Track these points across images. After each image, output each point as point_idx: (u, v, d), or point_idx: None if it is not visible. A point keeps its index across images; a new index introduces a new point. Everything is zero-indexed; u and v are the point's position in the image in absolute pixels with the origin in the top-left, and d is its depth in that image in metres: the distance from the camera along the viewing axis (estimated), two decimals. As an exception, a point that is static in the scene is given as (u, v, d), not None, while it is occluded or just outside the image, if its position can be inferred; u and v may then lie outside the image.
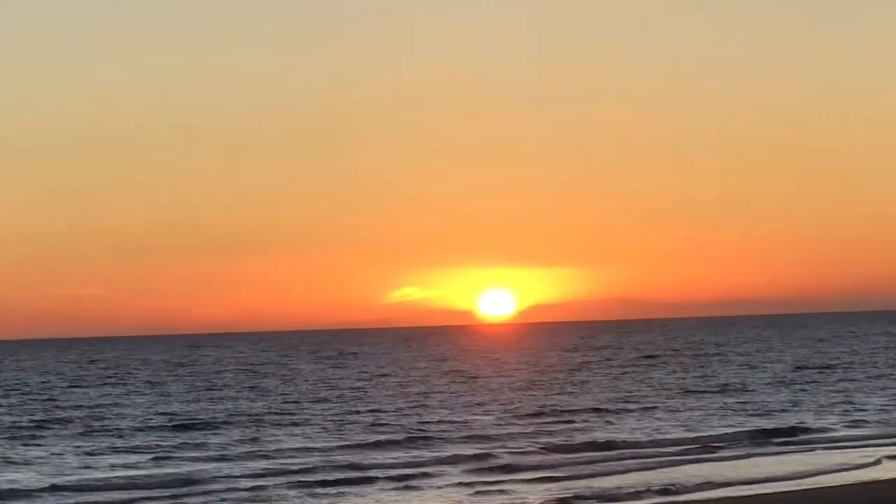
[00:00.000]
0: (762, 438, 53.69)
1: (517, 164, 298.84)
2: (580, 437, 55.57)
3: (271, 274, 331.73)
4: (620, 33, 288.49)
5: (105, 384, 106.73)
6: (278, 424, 63.00)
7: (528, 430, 57.90)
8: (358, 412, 69.42)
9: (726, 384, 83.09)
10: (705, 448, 50.67)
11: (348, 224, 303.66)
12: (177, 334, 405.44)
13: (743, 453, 49.43)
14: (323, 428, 60.94)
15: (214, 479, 44.94)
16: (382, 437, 56.21)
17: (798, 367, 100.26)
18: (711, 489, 39.22)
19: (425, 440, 55.07)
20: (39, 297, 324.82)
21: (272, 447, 53.69)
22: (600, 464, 47.07)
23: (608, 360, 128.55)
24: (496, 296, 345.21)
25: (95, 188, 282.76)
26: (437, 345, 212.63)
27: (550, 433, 57.07)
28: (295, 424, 62.97)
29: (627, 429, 57.83)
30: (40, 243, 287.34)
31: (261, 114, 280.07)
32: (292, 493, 41.90)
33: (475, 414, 66.36)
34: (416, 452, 51.54)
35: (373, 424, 62.00)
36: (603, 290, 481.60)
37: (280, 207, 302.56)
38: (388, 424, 61.82)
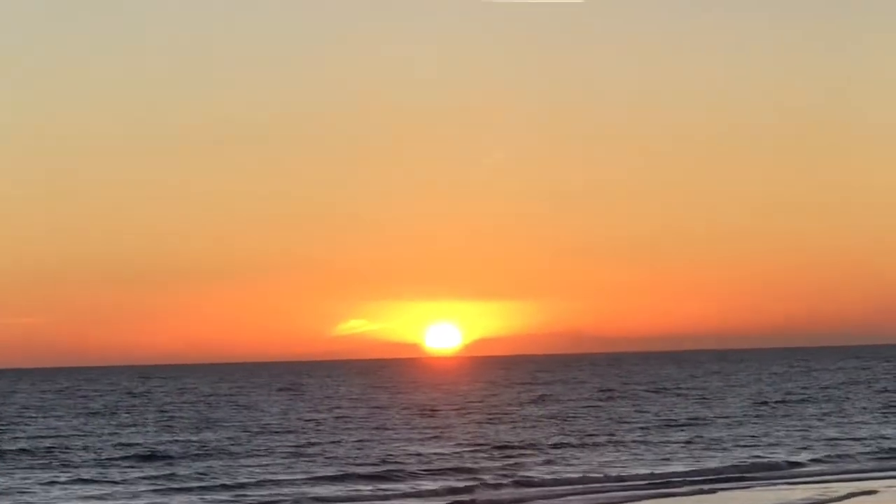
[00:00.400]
0: (726, 474, 53.18)
1: (464, 200, 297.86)
2: (549, 471, 55.33)
3: (218, 305, 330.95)
4: (576, 66, 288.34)
5: (60, 415, 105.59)
6: (240, 455, 62.95)
7: (496, 464, 57.22)
8: (320, 444, 69.10)
9: (688, 419, 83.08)
10: (667, 483, 50.54)
11: (296, 257, 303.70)
12: (123, 365, 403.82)
13: (707, 488, 48.93)
14: (285, 460, 60.54)
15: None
16: (348, 470, 55.72)
17: (757, 403, 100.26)
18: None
19: (394, 473, 54.51)
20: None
21: (238, 480, 53.18)
22: (573, 496, 47.00)
23: (567, 394, 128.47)
24: (442, 329, 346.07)
25: (35, 216, 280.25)
26: (389, 377, 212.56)
27: (519, 466, 56.57)
28: (256, 456, 62.51)
29: (593, 463, 57.37)
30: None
31: (210, 144, 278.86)
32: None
33: (438, 447, 65.87)
34: (385, 485, 51.18)
35: (335, 457, 61.54)
36: (548, 323, 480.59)
37: (227, 239, 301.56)
38: (349, 457, 61.35)
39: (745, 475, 52.78)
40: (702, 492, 47.69)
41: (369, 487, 50.85)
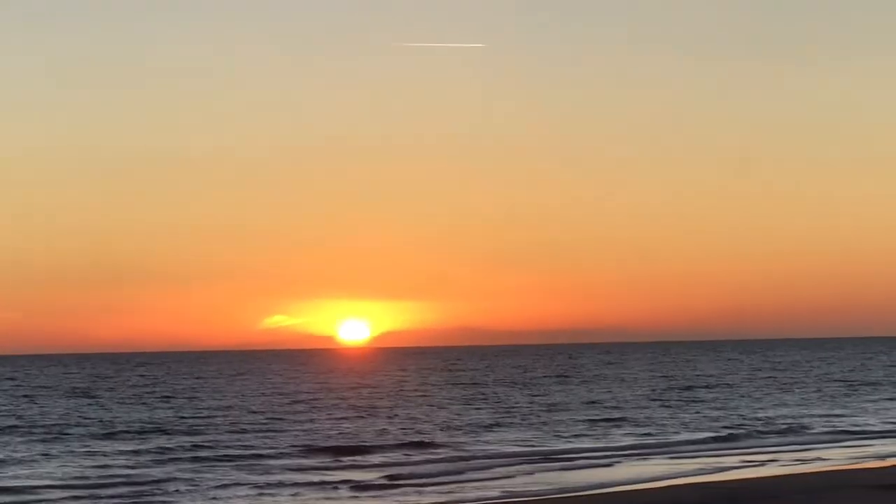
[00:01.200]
0: (628, 451, 51.64)
1: (375, 214, 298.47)
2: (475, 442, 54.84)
3: (161, 301, 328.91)
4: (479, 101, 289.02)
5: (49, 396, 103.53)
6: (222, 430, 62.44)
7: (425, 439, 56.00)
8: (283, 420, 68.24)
9: (593, 401, 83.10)
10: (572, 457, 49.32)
11: (230, 264, 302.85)
12: (75, 353, 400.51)
13: (605, 462, 47.64)
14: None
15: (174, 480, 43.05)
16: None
17: (654, 390, 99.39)
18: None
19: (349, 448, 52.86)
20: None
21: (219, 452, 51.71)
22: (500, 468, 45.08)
23: (482, 378, 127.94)
24: (353, 324, 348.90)
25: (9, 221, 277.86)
26: (317, 364, 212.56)
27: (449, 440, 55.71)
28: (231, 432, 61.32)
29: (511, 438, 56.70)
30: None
31: (157, 157, 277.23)
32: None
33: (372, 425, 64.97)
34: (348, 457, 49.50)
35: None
36: (444, 320, 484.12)
37: (170, 242, 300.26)
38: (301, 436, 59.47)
39: (644, 451, 51.34)
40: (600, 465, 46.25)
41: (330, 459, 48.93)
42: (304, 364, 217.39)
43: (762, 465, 43.82)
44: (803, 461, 45.20)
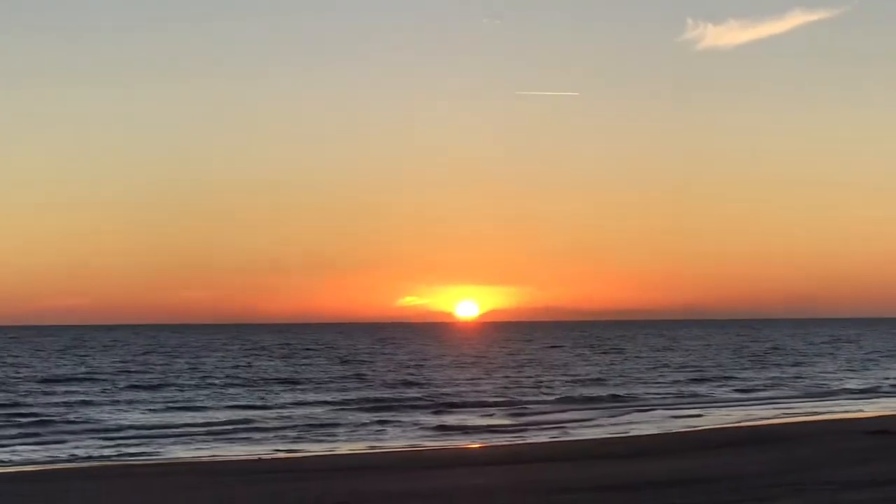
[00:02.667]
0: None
1: (483, 218, 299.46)
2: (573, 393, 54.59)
3: (326, 285, 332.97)
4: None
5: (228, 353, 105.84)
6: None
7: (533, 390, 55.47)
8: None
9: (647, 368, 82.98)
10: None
11: (374, 255, 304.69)
12: (253, 323, 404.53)
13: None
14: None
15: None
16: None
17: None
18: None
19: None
20: (169, 297, 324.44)
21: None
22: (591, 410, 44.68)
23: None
24: (466, 303, 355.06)
25: (208, 222, 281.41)
26: (446, 333, 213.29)
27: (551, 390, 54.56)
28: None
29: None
30: (172, 258, 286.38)
31: (314, 176, 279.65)
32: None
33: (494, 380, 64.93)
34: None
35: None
36: (536, 300, 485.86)
37: (327, 240, 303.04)
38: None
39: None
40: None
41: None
42: (439, 335, 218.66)
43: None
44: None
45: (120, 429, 39.37)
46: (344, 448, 33.61)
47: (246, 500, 20.54)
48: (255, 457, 30.16)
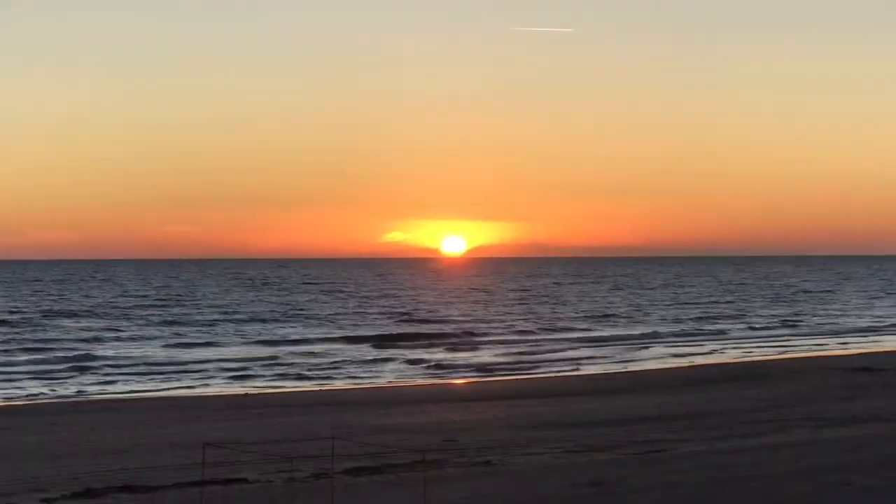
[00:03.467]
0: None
1: (471, 155, 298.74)
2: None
3: (308, 220, 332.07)
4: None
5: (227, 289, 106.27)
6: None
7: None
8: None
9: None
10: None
11: (359, 191, 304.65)
12: (238, 259, 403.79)
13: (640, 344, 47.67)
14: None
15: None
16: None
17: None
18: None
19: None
20: (154, 231, 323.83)
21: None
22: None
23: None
24: (452, 239, 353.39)
25: (198, 161, 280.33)
26: (433, 270, 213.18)
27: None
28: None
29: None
30: (156, 194, 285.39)
31: (309, 115, 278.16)
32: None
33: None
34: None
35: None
36: (523, 237, 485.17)
37: (315, 177, 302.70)
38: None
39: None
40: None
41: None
42: (427, 269, 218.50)
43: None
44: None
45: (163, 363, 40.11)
46: (339, 383, 33.74)
47: (239, 430, 20.73)
48: (243, 392, 30.35)
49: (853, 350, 43.24)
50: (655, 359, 40.97)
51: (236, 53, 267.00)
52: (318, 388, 31.70)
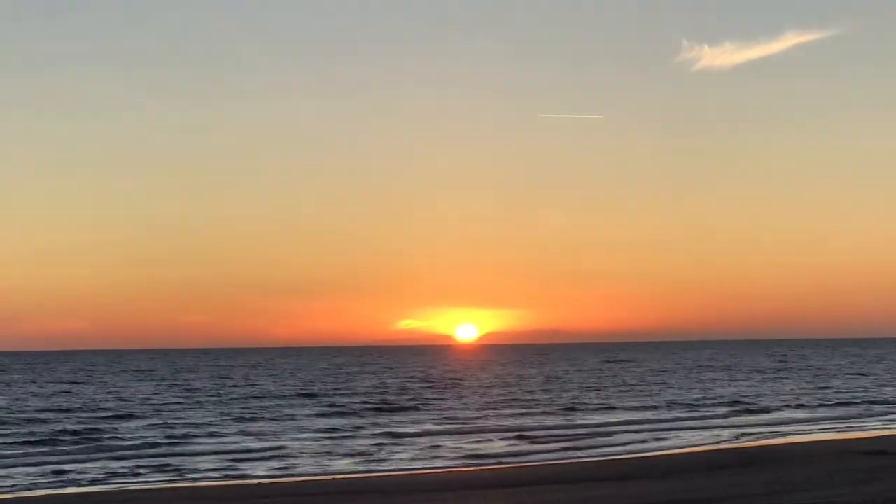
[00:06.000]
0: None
1: (481, 243, 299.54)
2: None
3: (325, 309, 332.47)
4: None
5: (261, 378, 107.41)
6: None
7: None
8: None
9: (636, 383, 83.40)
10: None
11: (373, 280, 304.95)
12: (256, 347, 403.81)
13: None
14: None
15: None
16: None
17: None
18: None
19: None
20: (168, 321, 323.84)
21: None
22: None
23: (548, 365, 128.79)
24: (465, 326, 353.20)
25: (211, 250, 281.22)
26: (444, 356, 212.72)
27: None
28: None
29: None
30: (170, 283, 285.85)
31: (314, 203, 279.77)
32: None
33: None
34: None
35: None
36: (533, 323, 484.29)
37: (329, 266, 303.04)
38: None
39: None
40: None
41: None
42: (438, 355, 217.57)
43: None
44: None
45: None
46: (346, 470, 33.13)
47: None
48: (256, 482, 29.71)
49: (866, 433, 42.66)
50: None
51: (246, 141, 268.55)
52: (330, 478, 31.04)
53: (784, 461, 29.95)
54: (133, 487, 28.98)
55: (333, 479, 30.24)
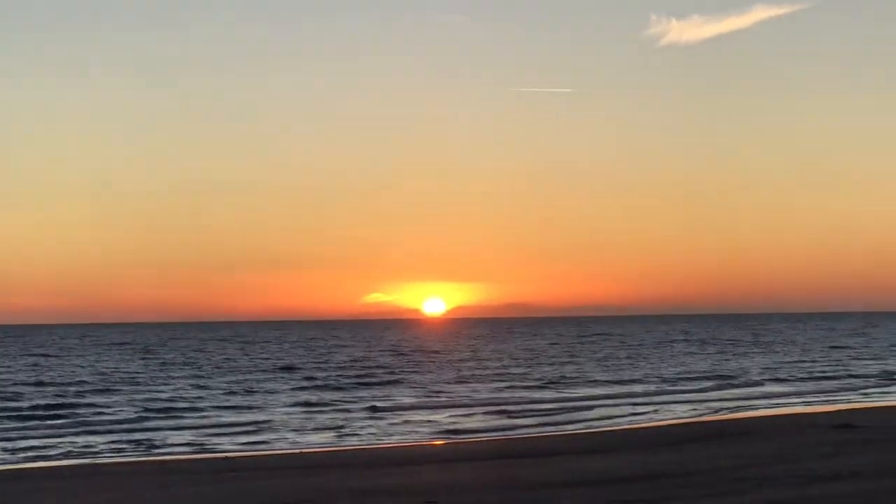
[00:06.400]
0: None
1: (451, 218, 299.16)
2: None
3: (291, 283, 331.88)
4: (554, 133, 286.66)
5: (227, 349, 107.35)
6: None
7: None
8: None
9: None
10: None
11: (340, 253, 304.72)
12: (223, 321, 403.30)
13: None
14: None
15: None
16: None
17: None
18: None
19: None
20: (132, 296, 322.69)
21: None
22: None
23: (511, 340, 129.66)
24: (433, 300, 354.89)
25: (177, 223, 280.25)
26: (414, 330, 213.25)
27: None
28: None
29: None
30: (131, 256, 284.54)
31: (288, 180, 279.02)
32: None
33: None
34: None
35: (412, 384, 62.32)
36: (501, 297, 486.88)
37: (298, 241, 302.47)
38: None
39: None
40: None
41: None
42: (408, 329, 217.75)
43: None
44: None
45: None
46: (315, 445, 33.46)
47: (216, 498, 20.46)
48: (223, 455, 30.00)
49: (834, 407, 43.28)
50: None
51: (210, 113, 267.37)
52: (298, 452, 31.36)
53: (754, 434, 30.41)
54: (100, 461, 29.22)
55: (301, 452, 30.58)
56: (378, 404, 47.03)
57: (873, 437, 28.32)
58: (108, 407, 46.72)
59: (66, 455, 31.03)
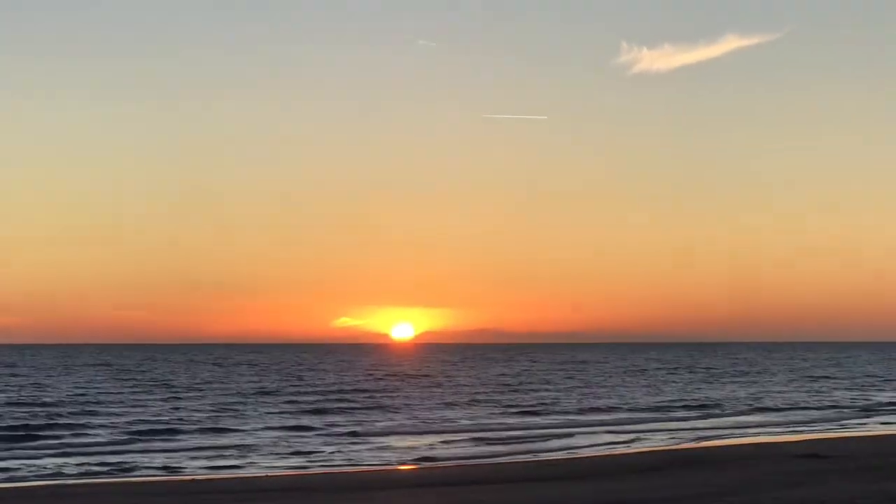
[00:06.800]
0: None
1: (417, 248, 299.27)
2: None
3: (261, 306, 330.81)
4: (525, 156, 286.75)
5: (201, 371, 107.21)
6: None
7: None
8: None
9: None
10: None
11: (309, 279, 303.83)
12: (195, 343, 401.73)
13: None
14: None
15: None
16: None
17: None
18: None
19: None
20: (100, 316, 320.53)
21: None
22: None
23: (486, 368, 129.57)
24: (401, 325, 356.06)
25: (148, 244, 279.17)
26: (383, 354, 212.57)
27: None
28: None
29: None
30: (104, 276, 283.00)
31: (255, 198, 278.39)
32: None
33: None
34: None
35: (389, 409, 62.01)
36: (470, 322, 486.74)
37: (267, 264, 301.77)
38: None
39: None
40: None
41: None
42: (379, 354, 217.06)
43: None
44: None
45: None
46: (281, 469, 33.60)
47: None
48: (190, 478, 30.18)
49: (803, 437, 43.61)
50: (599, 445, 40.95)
51: (182, 136, 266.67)
52: (264, 475, 31.43)
53: (721, 463, 30.66)
54: (67, 483, 29.30)
55: (267, 476, 30.71)
56: (358, 429, 47.11)
57: (839, 467, 28.69)
58: (85, 428, 46.73)
59: (38, 476, 31.16)
